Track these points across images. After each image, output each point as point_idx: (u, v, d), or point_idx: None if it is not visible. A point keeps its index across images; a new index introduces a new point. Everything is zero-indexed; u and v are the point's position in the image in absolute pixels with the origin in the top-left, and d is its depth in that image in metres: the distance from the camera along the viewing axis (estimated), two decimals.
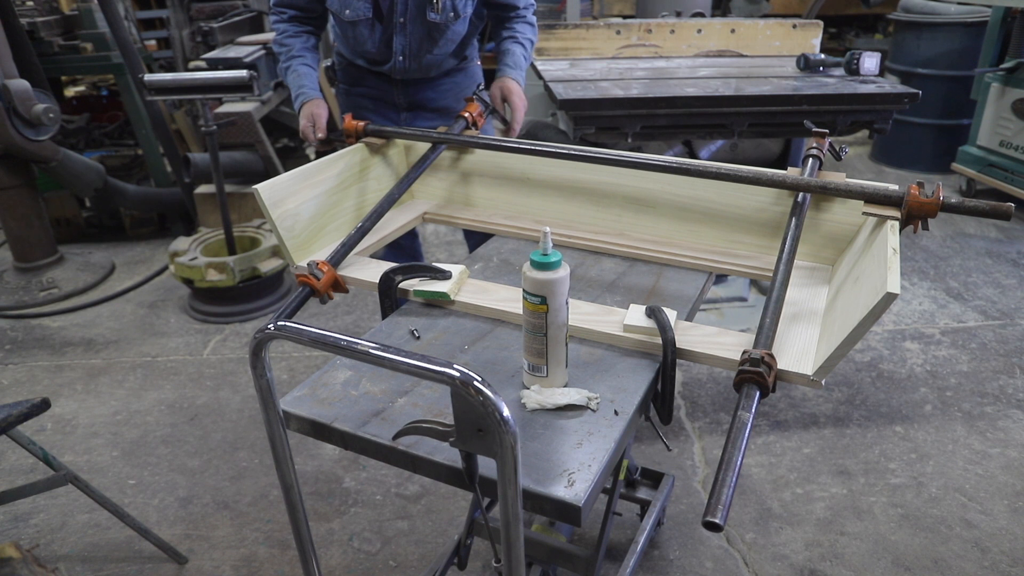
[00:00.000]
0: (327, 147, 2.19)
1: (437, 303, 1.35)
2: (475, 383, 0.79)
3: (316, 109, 2.02)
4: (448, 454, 0.96)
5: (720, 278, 2.77)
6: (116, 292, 3.47)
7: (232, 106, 3.69)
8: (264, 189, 1.39)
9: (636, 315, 1.20)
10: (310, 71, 2.07)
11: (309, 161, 1.53)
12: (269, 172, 3.71)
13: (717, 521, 0.78)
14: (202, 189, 3.77)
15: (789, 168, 1.45)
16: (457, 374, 0.80)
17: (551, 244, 1.03)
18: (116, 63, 3.71)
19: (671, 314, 1.17)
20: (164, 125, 3.66)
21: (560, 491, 0.91)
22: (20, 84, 3.09)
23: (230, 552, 2.01)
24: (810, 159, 1.47)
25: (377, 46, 2.03)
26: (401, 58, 2.04)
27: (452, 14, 1.96)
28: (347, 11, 1.97)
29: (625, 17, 5.02)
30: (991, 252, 3.68)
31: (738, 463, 0.85)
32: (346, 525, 2.08)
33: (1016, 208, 3.85)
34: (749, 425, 0.90)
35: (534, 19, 2.15)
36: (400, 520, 2.09)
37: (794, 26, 3.02)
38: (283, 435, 1.04)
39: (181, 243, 3.33)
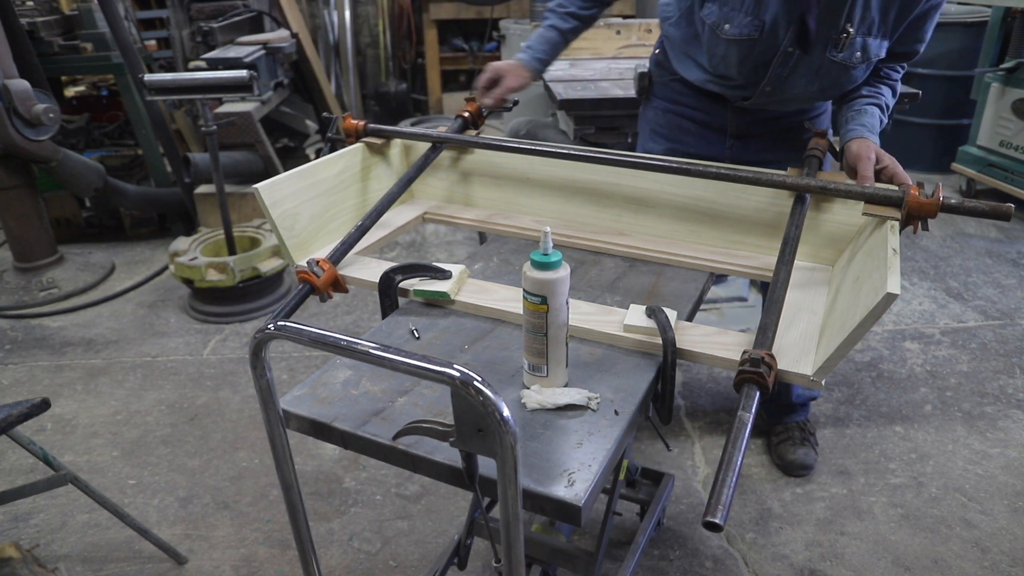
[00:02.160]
0: (478, 119, 1.77)
1: (437, 303, 1.35)
2: (475, 383, 0.79)
3: (508, 67, 1.69)
4: (448, 454, 0.96)
5: (720, 278, 2.77)
6: (116, 292, 3.47)
7: (232, 106, 3.69)
8: (264, 189, 1.39)
9: (636, 315, 1.20)
10: (552, 35, 1.75)
11: (309, 161, 1.53)
12: (269, 172, 3.71)
13: (717, 521, 0.78)
14: (202, 189, 3.77)
15: (789, 168, 1.45)
16: (457, 374, 0.80)
17: (551, 244, 1.03)
18: (116, 63, 3.70)
19: (671, 314, 1.17)
20: (164, 125, 3.66)
21: (560, 491, 0.91)
22: (20, 84, 3.09)
23: (230, 552, 2.01)
24: (811, 160, 1.48)
25: (746, 72, 1.64)
26: (769, 88, 1.66)
27: (859, 55, 1.54)
28: (727, 25, 1.57)
29: (625, 17, 5.01)
30: (991, 252, 3.68)
31: (738, 463, 0.85)
32: (346, 525, 2.08)
33: (1016, 208, 3.85)
34: (749, 425, 0.91)
35: (899, 87, 1.72)
36: (400, 520, 2.09)
37: None
38: (283, 435, 1.04)
39: (181, 243, 3.33)
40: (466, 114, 1.76)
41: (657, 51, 1.91)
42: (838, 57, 1.54)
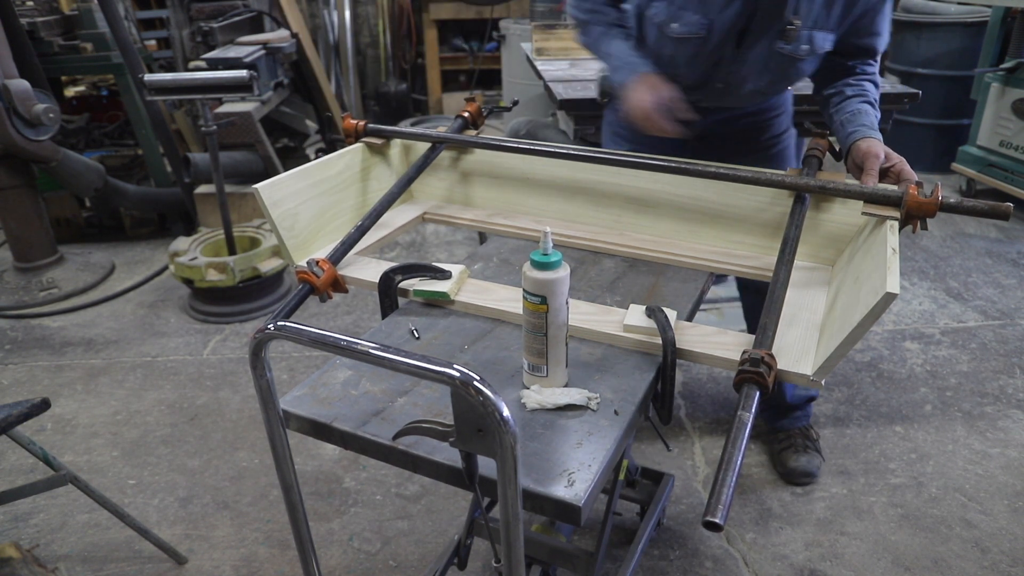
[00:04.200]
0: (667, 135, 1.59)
1: (437, 303, 1.35)
2: (475, 383, 0.79)
3: (653, 82, 1.57)
4: (448, 454, 0.96)
5: (720, 278, 2.77)
6: (116, 292, 3.47)
7: (232, 106, 3.70)
8: (264, 189, 1.39)
9: (636, 315, 1.20)
10: (631, 47, 1.68)
11: (309, 161, 1.53)
12: (269, 172, 3.72)
13: (717, 521, 0.78)
14: (202, 189, 3.77)
15: (789, 168, 1.45)
16: (457, 374, 0.80)
17: (551, 244, 1.03)
18: (116, 63, 3.71)
19: (671, 314, 1.17)
20: (164, 125, 3.66)
21: (560, 491, 0.91)
22: (20, 84, 3.09)
23: (230, 552, 2.01)
24: (811, 160, 1.48)
25: (698, 71, 1.65)
26: (720, 86, 1.68)
27: (807, 47, 1.56)
28: (674, 24, 1.57)
29: None
30: (991, 252, 3.68)
31: (738, 463, 0.85)
32: (346, 525, 2.08)
33: (1016, 208, 3.85)
34: (749, 425, 0.91)
35: (879, 79, 1.69)
36: (400, 520, 2.09)
37: None
38: (283, 435, 1.04)
39: (181, 243, 3.33)
40: (466, 114, 1.76)
41: None
42: (786, 50, 1.56)
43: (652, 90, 1.54)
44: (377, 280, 1.34)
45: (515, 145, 1.58)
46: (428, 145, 1.70)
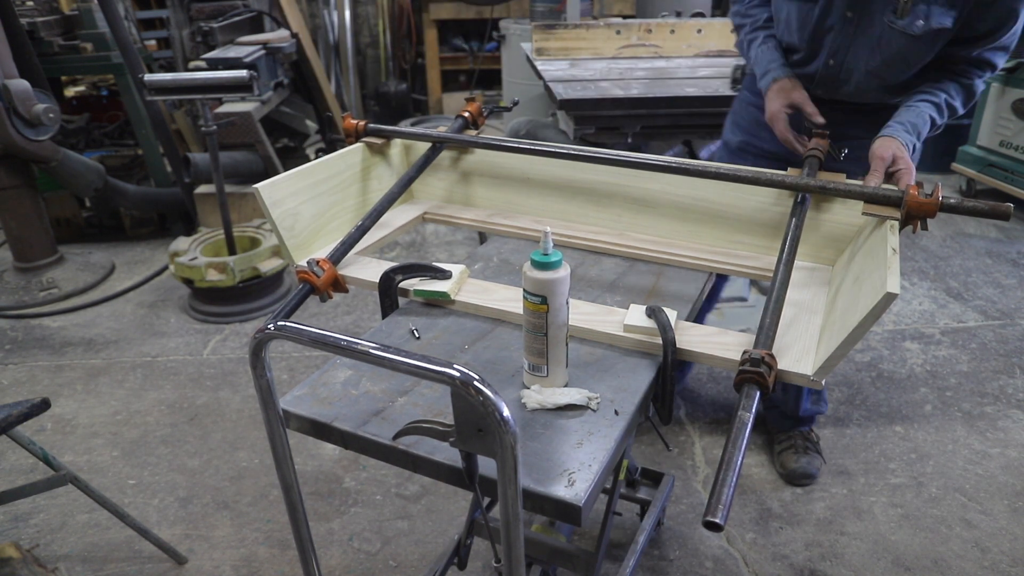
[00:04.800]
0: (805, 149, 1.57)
1: (437, 303, 1.35)
2: (475, 383, 0.79)
3: (789, 86, 1.61)
4: (448, 454, 0.96)
5: (720, 278, 2.77)
6: (116, 292, 3.47)
7: (232, 106, 3.69)
8: (264, 188, 1.39)
9: (636, 315, 1.20)
10: (773, 49, 1.71)
11: (309, 161, 1.53)
12: (269, 172, 3.72)
13: (718, 521, 0.78)
14: (202, 189, 3.77)
15: (789, 169, 1.45)
16: (457, 374, 0.80)
17: (552, 244, 1.03)
18: (116, 63, 3.71)
19: (671, 314, 1.17)
20: (164, 125, 3.66)
21: (560, 491, 0.91)
22: (20, 84, 3.09)
23: (230, 552, 2.01)
24: (810, 160, 1.48)
25: (807, 38, 1.62)
26: (832, 62, 1.63)
27: (921, 23, 1.47)
28: None
29: (625, 17, 5.02)
30: (991, 252, 3.68)
31: (738, 463, 0.85)
32: (346, 525, 2.08)
33: (1016, 208, 3.85)
34: (749, 425, 0.91)
35: (982, 86, 1.61)
36: (400, 520, 2.09)
37: None
38: (283, 435, 1.04)
39: (181, 243, 3.33)
40: (466, 114, 1.77)
41: None
42: (898, 24, 1.48)
43: (783, 95, 1.61)
44: (377, 280, 1.34)
45: (515, 145, 1.58)
46: (428, 145, 1.70)
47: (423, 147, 1.72)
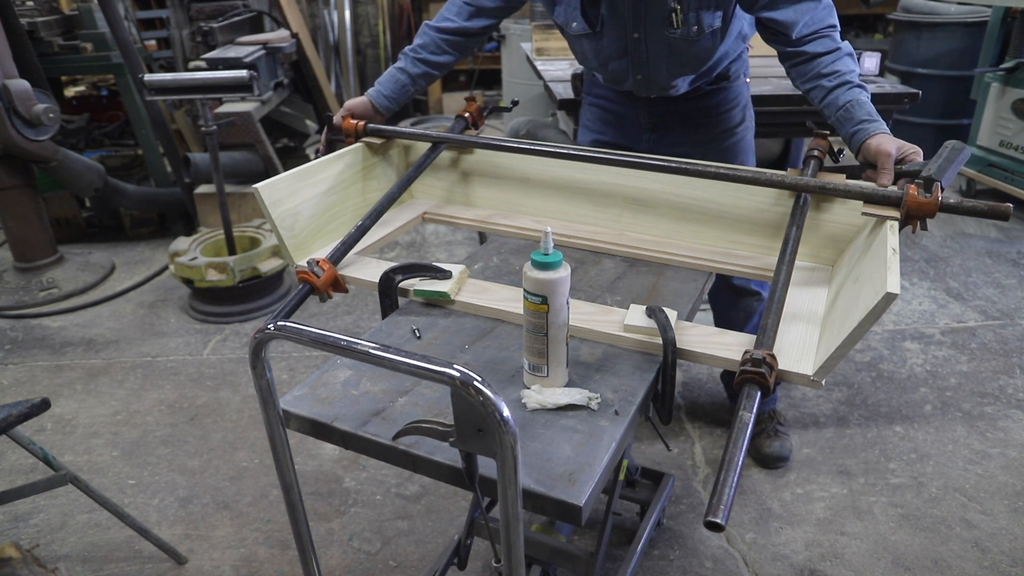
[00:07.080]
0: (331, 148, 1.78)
1: (437, 303, 1.35)
2: (475, 383, 0.79)
3: (356, 104, 1.74)
4: (448, 454, 0.96)
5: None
6: (116, 292, 3.47)
7: (232, 106, 3.70)
8: (264, 188, 1.39)
9: (636, 315, 1.20)
10: (401, 77, 1.76)
11: (309, 161, 1.53)
12: (269, 172, 3.72)
13: (719, 521, 0.78)
14: (202, 189, 3.77)
15: (789, 169, 1.45)
16: (457, 374, 0.80)
17: (552, 244, 1.03)
18: (116, 63, 3.70)
19: (671, 314, 1.17)
20: (164, 125, 3.66)
21: (560, 491, 0.90)
22: (20, 84, 3.09)
23: (230, 552, 2.01)
24: (811, 160, 1.47)
25: (608, 64, 1.78)
26: (639, 76, 1.78)
27: (695, 29, 1.63)
28: (573, 24, 1.72)
29: None
30: (991, 252, 3.68)
31: (739, 463, 0.85)
32: (346, 525, 2.08)
33: (1015, 208, 3.85)
34: (750, 425, 0.90)
35: (851, 48, 1.55)
36: (400, 520, 2.09)
37: None
38: (283, 435, 1.04)
39: (181, 243, 3.33)
40: (466, 114, 1.77)
41: None
42: (676, 34, 1.63)
43: (349, 108, 1.71)
44: (377, 280, 1.34)
45: (515, 145, 1.58)
46: (428, 145, 1.70)
47: (423, 147, 1.72)
